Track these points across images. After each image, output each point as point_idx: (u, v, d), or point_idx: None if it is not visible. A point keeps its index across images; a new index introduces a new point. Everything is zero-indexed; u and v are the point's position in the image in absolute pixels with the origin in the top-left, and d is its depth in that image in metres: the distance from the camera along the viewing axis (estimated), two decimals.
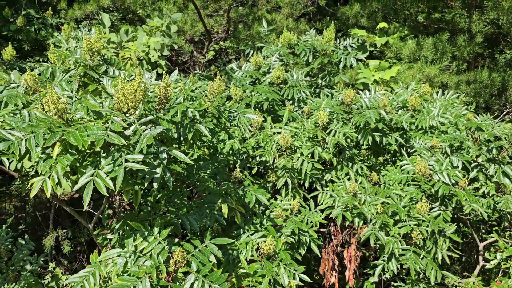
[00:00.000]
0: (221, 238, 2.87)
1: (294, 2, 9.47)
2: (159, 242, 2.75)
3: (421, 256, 3.86)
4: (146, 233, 2.77)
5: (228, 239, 2.88)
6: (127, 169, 2.41)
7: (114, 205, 5.24)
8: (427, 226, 3.87)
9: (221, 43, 9.73)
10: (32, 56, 7.29)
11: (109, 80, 3.60)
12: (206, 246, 2.82)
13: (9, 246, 4.29)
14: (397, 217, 4.02)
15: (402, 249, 3.85)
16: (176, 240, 2.84)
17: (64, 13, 8.16)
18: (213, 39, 9.36)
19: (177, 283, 2.66)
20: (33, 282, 4.07)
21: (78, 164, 2.53)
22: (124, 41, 5.00)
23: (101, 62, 3.83)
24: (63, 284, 4.82)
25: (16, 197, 8.71)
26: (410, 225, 3.91)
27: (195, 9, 7.73)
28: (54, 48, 4.18)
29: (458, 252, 4.01)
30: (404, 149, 4.81)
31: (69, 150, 2.53)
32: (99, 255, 3.21)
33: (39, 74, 3.49)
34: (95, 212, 5.97)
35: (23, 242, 4.42)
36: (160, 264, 2.60)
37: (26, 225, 7.74)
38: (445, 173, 4.22)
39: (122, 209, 4.34)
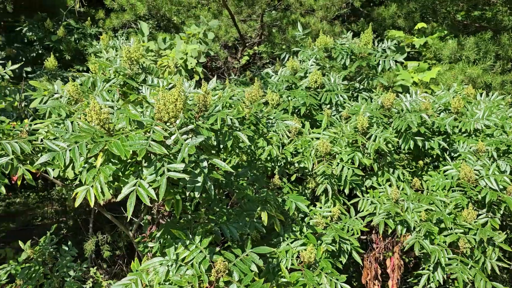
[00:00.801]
0: (262, 247, 2.84)
1: (328, 4, 9.35)
2: (201, 251, 2.73)
3: (469, 266, 3.70)
4: (188, 242, 2.76)
5: (269, 248, 2.84)
6: (168, 178, 2.41)
7: (152, 212, 5.30)
8: (475, 234, 3.71)
9: (255, 47, 9.73)
10: (73, 65, 7.50)
11: (148, 88, 3.63)
12: (247, 255, 2.78)
13: (53, 252, 4.40)
14: (441, 225, 3.87)
15: (449, 258, 3.70)
16: (217, 249, 2.82)
17: (102, 22, 8.36)
18: (247, 44, 9.37)
19: None
20: None
21: (120, 174, 2.55)
22: (162, 49, 5.05)
23: (140, 71, 3.88)
24: None
25: (57, 201, 8.97)
26: (456, 233, 3.75)
27: (229, 14, 7.75)
28: (94, 58, 4.26)
29: (509, 262, 3.82)
30: (447, 153, 4.64)
31: (111, 159, 2.55)
32: (139, 262, 3.24)
33: (80, 84, 3.56)
34: (133, 218, 6.06)
35: (67, 248, 4.52)
36: (202, 273, 2.58)
37: (67, 230, 7.94)
38: (492, 178, 4.04)
39: (161, 216, 4.37)
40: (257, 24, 9.30)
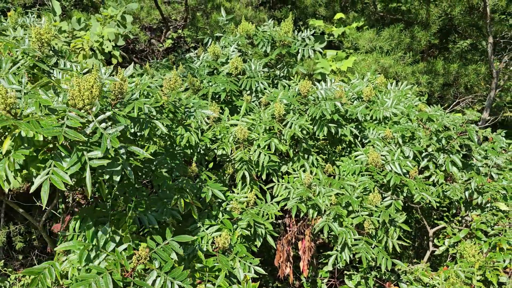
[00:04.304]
0: (183, 236, 2.88)
1: None
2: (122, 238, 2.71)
3: (373, 245, 3.99)
4: (109, 229, 2.72)
5: (190, 236, 2.88)
6: None
7: (67, 200, 5.10)
8: (379, 216, 4.01)
9: (180, 31, 9.57)
10: None
11: (59, 72, 3.48)
12: (168, 243, 2.81)
13: None
14: (350, 208, 4.13)
15: (355, 239, 3.97)
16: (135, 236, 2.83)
17: None
18: (171, 27, 9.20)
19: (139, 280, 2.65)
20: None
21: (32, 159, 2.45)
22: (76, 30, 4.83)
23: (51, 53, 3.70)
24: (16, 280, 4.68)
25: None
26: (362, 215, 4.03)
27: None
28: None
29: (408, 241, 4.17)
30: (359, 139, 4.92)
31: (20, 146, 2.44)
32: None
33: None
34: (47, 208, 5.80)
35: None
36: (124, 260, 2.58)
37: None
38: (396, 163, 4.37)
39: (75, 204, 4.23)
40: (182, 7, 9.14)
